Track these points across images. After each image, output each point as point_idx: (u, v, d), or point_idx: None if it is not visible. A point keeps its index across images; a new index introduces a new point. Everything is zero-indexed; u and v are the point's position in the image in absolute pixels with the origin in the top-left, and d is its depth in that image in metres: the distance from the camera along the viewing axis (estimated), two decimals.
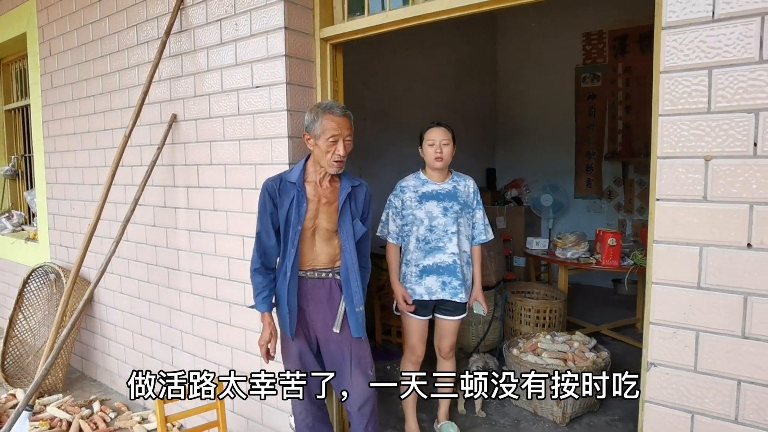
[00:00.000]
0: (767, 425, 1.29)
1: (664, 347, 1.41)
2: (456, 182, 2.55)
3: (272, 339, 2.02)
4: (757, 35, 1.23)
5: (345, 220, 2.02)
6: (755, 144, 1.25)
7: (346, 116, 1.96)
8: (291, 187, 1.98)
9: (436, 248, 2.47)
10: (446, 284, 2.47)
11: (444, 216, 2.46)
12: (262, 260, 2.01)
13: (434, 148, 2.43)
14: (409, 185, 2.52)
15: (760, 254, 1.27)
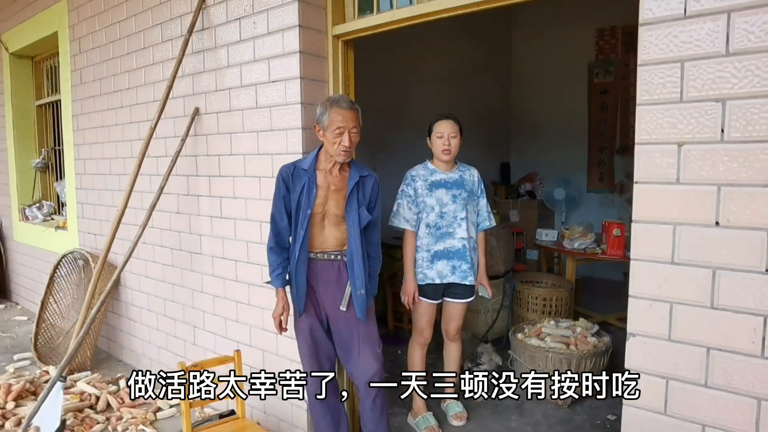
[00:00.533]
0: (732, 389, 1.41)
1: (642, 319, 1.54)
2: (462, 172, 2.70)
3: (284, 312, 2.20)
4: (723, 31, 1.34)
5: (352, 207, 2.15)
6: (722, 130, 1.37)
7: (352, 109, 2.10)
8: (303, 174, 2.14)
9: (446, 234, 2.61)
10: (456, 268, 2.61)
11: (453, 203, 2.61)
12: (276, 240, 2.19)
13: (443, 141, 2.57)
14: (419, 174, 2.66)
15: (726, 231, 1.38)
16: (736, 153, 1.35)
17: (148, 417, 2.81)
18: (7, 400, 2.81)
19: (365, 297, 2.17)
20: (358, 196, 2.17)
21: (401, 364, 3.66)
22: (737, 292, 1.38)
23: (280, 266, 2.19)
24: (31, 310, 4.97)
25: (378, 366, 2.22)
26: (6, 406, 2.78)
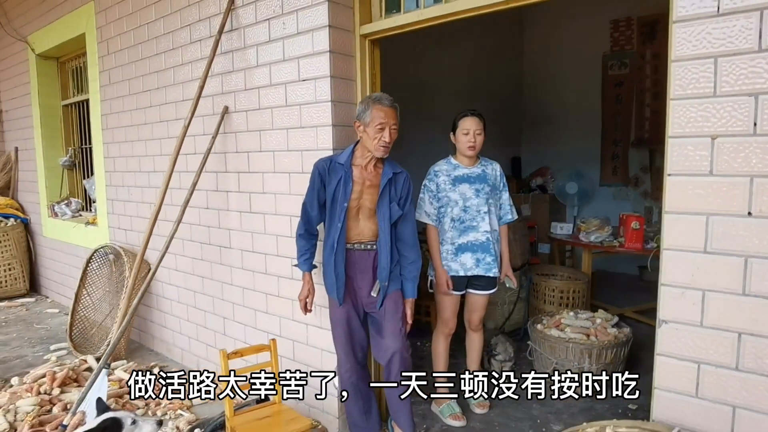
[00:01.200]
0: (763, 371, 1.47)
1: (674, 306, 1.60)
2: (484, 166, 2.75)
3: (309, 295, 2.34)
4: (756, 27, 1.39)
5: (383, 203, 2.24)
6: (755, 124, 1.42)
7: (393, 107, 2.20)
8: (339, 168, 2.22)
9: (470, 227, 2.67)
10: (480, 261, 2.67)
11: (477, 197, 2.66)
12: (306, 227, 2.32)
13: (468, 137, 2.63)
14: (442, 170, 2.71)
15: (759, 221, 1.44)
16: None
17: (184, 403, 2.91)
18: (53, 387, 2.93)
19: (387, 288, 2.28)
20: (390, 192, 2.26)
21: (422, 355, 3.74)
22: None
23: (308, 251, 2.33)
24: (61, 303, 5.12)
25: (399, 345, 2.28)
26: (52, 392, 2.90)
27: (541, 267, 4.52)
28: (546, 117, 6.58)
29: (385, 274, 2.26)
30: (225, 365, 2.23)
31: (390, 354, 2.28)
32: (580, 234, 4.34)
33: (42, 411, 2.79)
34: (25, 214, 5.61)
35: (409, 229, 2.35)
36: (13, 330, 4.43)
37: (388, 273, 2.26)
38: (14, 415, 2.73)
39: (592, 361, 3.06)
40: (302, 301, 2.37)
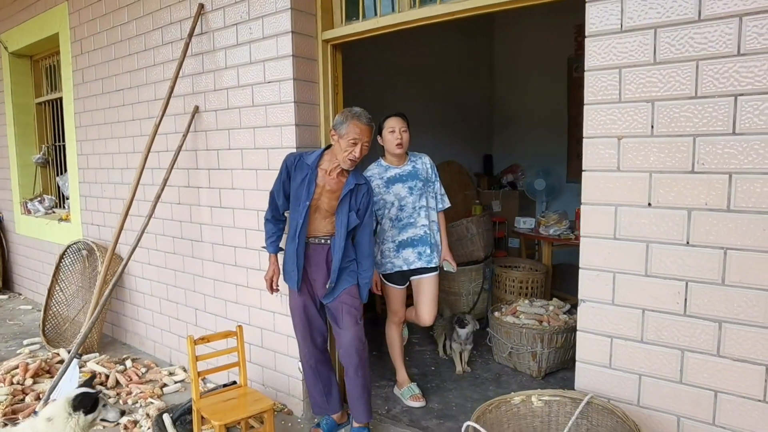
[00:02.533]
0: (662, 342, 1.68)
1: (590, 286, 1.81)
2: (414, 162, 2.81)
3: (275, 275, 2.51)
4: (651, 43, 1.60)
5: (342, 210, 2.39)
6: (652, 126, 1.63)
7: (370, 126, 2.34)
8: (306, 168, 2.38)
9: (408, 224, 2.79)
10: (421, 254, 2.79)
11: (411, 194, 2.76)
12: (273, 213, 2.50)
13: (395, 135, 2.69)
14: (374, 174, 2.77)
15: (656, 211, 1.65)
16: (662, 145, 1.62)
17: (155, 391, 3.05)
18: (25, 377, 3.04)
19: (333, 288, 2.43)
20: (350, 201, 2.40)
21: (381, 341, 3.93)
22: (665, 261, 1.65)
23: (274, 235, 2.51)
24: (34, 300, 5.17)
25: (357, 336, 2.45)
26: (25, 383, 3.01)
27: (504, 259, 4.75)
28: (516, 116, 6.82)
29: (334, 277, 2.41)
30: (192, 351, 2.37)
31: (347, 345, 2.45)
32: (540, 228, 4.58)
33: (15, 400, 2.90)
34: None
35: (366, 238, 2.47)
36: None
37: (337, 274, 2.41)
38: None
39: (543, 345, 3.29)
40: (268, 280, 2.54)
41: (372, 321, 4.27)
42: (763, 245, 1.49)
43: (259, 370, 2.99)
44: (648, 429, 1.73)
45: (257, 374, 2.99)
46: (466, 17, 2.28)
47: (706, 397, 1.62)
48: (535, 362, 3.30)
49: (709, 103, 1.54)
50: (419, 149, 2.96)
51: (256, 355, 2.98)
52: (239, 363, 2.50)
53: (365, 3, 2.62)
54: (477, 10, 2.21)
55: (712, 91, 1.53)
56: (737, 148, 1.50)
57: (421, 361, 3.59)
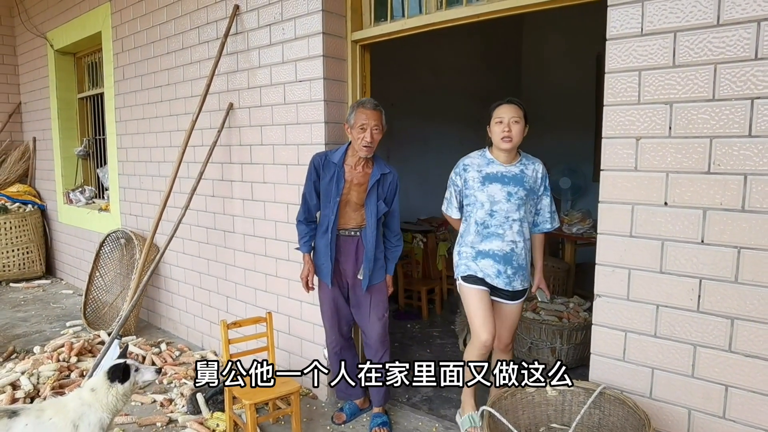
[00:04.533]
0: (675, 337, 1.74)
1: (606, 282, 1.87)
2: (524, 165, 2.35)
3: (310, 273, 2.60)
4: (671, 47, 1.65)
5: (371, 200, 2.51)
6: (670, 127, 1.68)
7: (376, 110, 2.42)
8: (332, 166, 2.49)
9: (494, 234, 2.30)
10: (501, 273, 2.31)
11: (507, 201, 2.28)
12: (305, 215, 2.59)
13: (502, 126, 2.24)
14: (473, 163, 2.36)
15: (673, 210, 1.70)
16: (680, 146, 1.67)
17: (188, 373, 3.22)
18: (70, 356, 3.25)
19: (371, 276, 2.54)
20: (378, 191, 2.51)
21: (410, 336, 4.04)
22: (679, 259, 1.70)
23: (307, 235, 2.60)
24: (75, 285, 5.45)
25: (382, 329, 2.60)
26: (70, 360, 3.22)
27: None
28: (543, 113, 6.77)
29: (367, 265, 2.53)
30: (225, 334, 2.52)
31: (370, 336, 2.60)
32: (563, 226, 4.60)
33: (61, 376, 3.11)
34: (42, 200, 5.94)
35: (395, 221, 2.63)
36: (31, 308, 4.77)
37: (372, 260, 2.53)
38: (37, 379, 3.05)
39: (563, 341, 3.34)
40: (304, 279, 2.62)
41: (394, 314, 4.39)
42: None
43: (286, 356, 3.13)
44: (660, 421, 1.79)
45: (284, 360, 3.13)
46: (491, 19, 2.35)
47: (716, 391, 1.67)
48: (554, 357, 3.35)
49: (726, 105, 1.58)
50: (445, 145, 2.97)
51: (284, 341, 3.12)
52: (268, 347, 2.64)
53: (393, 5, 2.71)
54: (502, 12, 2.28)
55: (729, 94, 1.57)
56: (753, 150, 1.55)
57: (442, 354, 3.68)
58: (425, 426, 2.70)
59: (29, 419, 1.90)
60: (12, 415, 1.91)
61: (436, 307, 4.61)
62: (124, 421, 2.69)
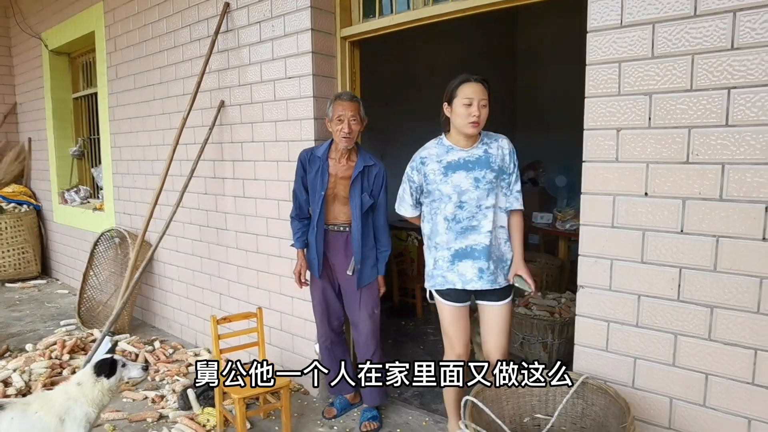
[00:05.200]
0: (657, 327, 1.75)
1: (589, 273, 1.88)
2: (487, 145, 2.10)
3: (302, 269, 2.62)
4: (650, 38, 1.66)
5: (355, 192, 2.50)
6: (649, 118, 1.69)
7: (352, 102, 2.43)
8: (317, 160, 2.51)
9: (468, 228, 2.08)
10: (483, 271, 2.07)
11: (476, 188, 2.06)
12: (297, 211, 2.62)
13: (471, 110, 1.97)
14: (431, 154, 2.12)
15: (653, 200, 1.72)
16: (659, 137, 1.68)
17: (181, 370, 3.23)
18: (62, 353, 3.26)
19: (360, 272, 2.54)
20: (362, 183, 2.51)
21: (404, 333, 4.05)
22: (660, 248, 1.71)
23: (299, 231, 2.62)
24: (70, 285, 5.46)
25: (373, 326, 2.60)
26: (62, 358, 3.23)
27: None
28: (539, 112, 6.79)
29: (358, 258, 2.53)
30: (215, 329, 2.54)
31: (360, 333, 2.61)
32: (557, 223, 4.62)
33: (53, 373, 3.12)
34: (37, 201, 5.95)
35: (382, 218, 2.58)
36: (26, 308, 4.78)
37: (360, 255, 2.52)
38: (29, 376, 3.06)
39: (554, 336, 3.35)
40: (296, 274, 2.65)
41: (389, 311, 4.40)
42: (753, 233, 1.54)
43: (278, 351, 3.14)
44: (642, 410, 1.80)
45: (276, 356, 3.14)
46: (479, 13, 2.36)
47: (697, 379, 1.68)
48: (545, 353, 3.36)
49: (703, 95, 1.59)
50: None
51: (276, 337, 3.13)
52: (259, 342, 2.66)
53: (382, 1, 2.72)
54: (487, 7, 2.30)
55: (706, 84, 1.59)
56: (730, 139, 1.56)
57: (435, 351, 3.69)
58: (415, 420, 2.72)
59: (15, 413, 1.92)
60: None
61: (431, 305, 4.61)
62: (115, 417, 2.70)
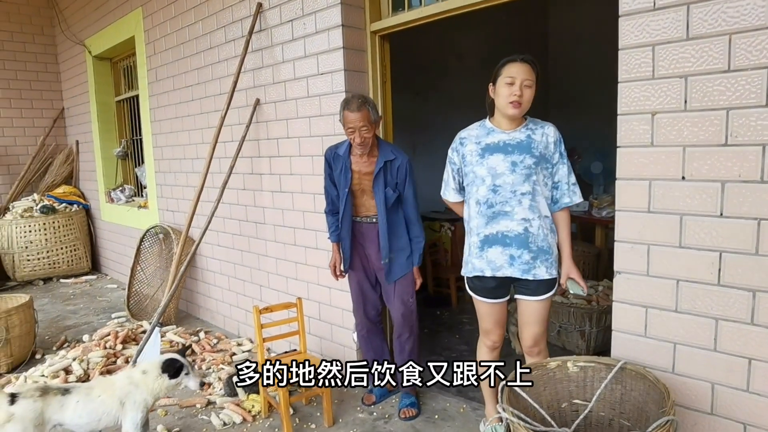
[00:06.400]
0: (696, 312, 1.73)
1: (625, 259, 1.87)
2: (531, 130, 2.03)
3: (336, 262, 2.69)
4: (684, 19, 1.64)
5: (378, 188, 2.50)
6: (685, 101, 1.67)
7: (360, 111, 2.35)
8: (340, 158, 2.55)
9: (501, 213, 2.02)
10: (515, 258, 2.01)
11: (512, 173, 1.99)
12: (330, 206, 2.68)
13: (513, 89, 1.93)
14: (471, 135, 2.10)
15: (690, 184, 1.70)
16: (696, 119, 1.66)
17: (225, 359, 3.37)
18: (116, 343, 3.45)
19: (389, 265, 2.56)
20: (386, 178, 2.50)
21: (439, 323, 4.09)
22: (698, 233, 1.70)
23: (333, 225, 2.68)
24: (119, 280, 5.74)
25: (406, 313, 2.62)
26: (116, 348, 3.43)
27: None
28: (572, 98, 6.64)
29: (385, 252, 2.53)
30: (257, 319, 2.64)
31: (396, 323, 2.65)
32: (593, 210, 4.55)
33: (108, 362, 3.31)
34: (86, 200, 6.25)
35: (411, 209, 2.57)
36: (80, 302, 5.05)
37: (387, 249, 2.53)
38: (87, 364, 3.26)
39: (592, 324, 3.32)
40: (332, 267, 2.72)
41: (424, 301, 4.44)
42: None
43: (317, 341, 3.24)
44: (683, 396, 1.79)
45: (316, 345, 3.24)
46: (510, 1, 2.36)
47: (739, 364, 1.66)
48: (583, 341, 3.35)
49: (742, 76, 1.56)
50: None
51: (315, 327, 3.23)
52: (299, 331, 2.75)
53: None
54: None
55: (745, 64, 1.55)
56: None
57: (472, 340, 3.71)
58: (453, 407, 2.76)
59: (80, 396, 2.06)
60: (65, 392, 2.08)
61: (466, 295, 4.63)
62: (167, 402, 2.86)
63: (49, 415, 2.03)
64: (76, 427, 2.08)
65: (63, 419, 2.05)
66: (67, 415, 2.05)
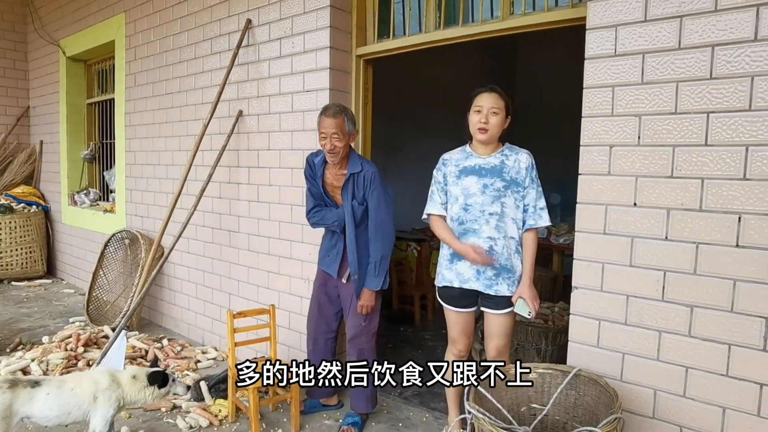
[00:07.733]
0: (643, 324, 1.94)
1: (582, 275, 2.07)
2: (506, 156, 2.23)
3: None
4: (640, 66, 1.88)
5: (346, 200, 2.49)
6: (639, 137, 1.90)
7: (335, 117, 2.38)
8: (315, 167, 2.60)
9: (470, 230, 2.21)
10: (480, 273, 2.19)
11: (482, 194, 2.18)
12: (315, 202, 2.65)
13: (480, 117, 2.15)
14: (452, 158, 2.31)
15: (641, 210, 1.92)
16: (647, 153, 1.89)
17: (190, 366, 3.37)
18: (77, 346, 3.39)
19: (356, 281, 2.51)
20: (352, 190, 2.48)
21: (403, 338, 4.21)
22: (646, 253, 1.91)
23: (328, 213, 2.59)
24: (76, 285, 5.58)
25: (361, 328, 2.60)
26: (77, 350, 3.37)
27: None
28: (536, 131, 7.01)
29: (354, 268, 2.49)
30: (230, 323, 2.69)
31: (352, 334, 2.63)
32: (551, 237, 4.83)
33: (69, 364, 3.25)
34: (46, 202, 6.09)
35: (373, 219, 2.48)
36: (34, 305, 4.89)
37: (356, 265, 2.48)
38: (46, 366, 3.19)
39: (548, 342, 3.52)
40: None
41: (388, 318, 4.56)
42: (728, 240, 1.75)
43: (286, 350, 3.29)
44: (629, 401, 1.98)
45: (284, 354, 3.29)
46: (485, 39, 2.59)
47: (678, 372, 1.87)
48: (539, 358, 3.53)
49: (686, 118, 1.81)
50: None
51: (284, 336, 3.29)
52: (270, 338, 2.81)
53: (395, 23, 2.95)
54: (494, 33, 2.54)
55: (688, 108, 1.80)
56: (708, 157, 1.77)
57: (433, 355, 3.85)
58: (416, 416, 2.87)
59: (51, 388, 2.06)
60: (34, 385, 2.08)
61: (429, 312, 4.79)
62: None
63: (17, 407, 2.02)
64: (44, 420, 2.07)
65: (31, 412, 2.04)
66: (35, 407, 2.04)
